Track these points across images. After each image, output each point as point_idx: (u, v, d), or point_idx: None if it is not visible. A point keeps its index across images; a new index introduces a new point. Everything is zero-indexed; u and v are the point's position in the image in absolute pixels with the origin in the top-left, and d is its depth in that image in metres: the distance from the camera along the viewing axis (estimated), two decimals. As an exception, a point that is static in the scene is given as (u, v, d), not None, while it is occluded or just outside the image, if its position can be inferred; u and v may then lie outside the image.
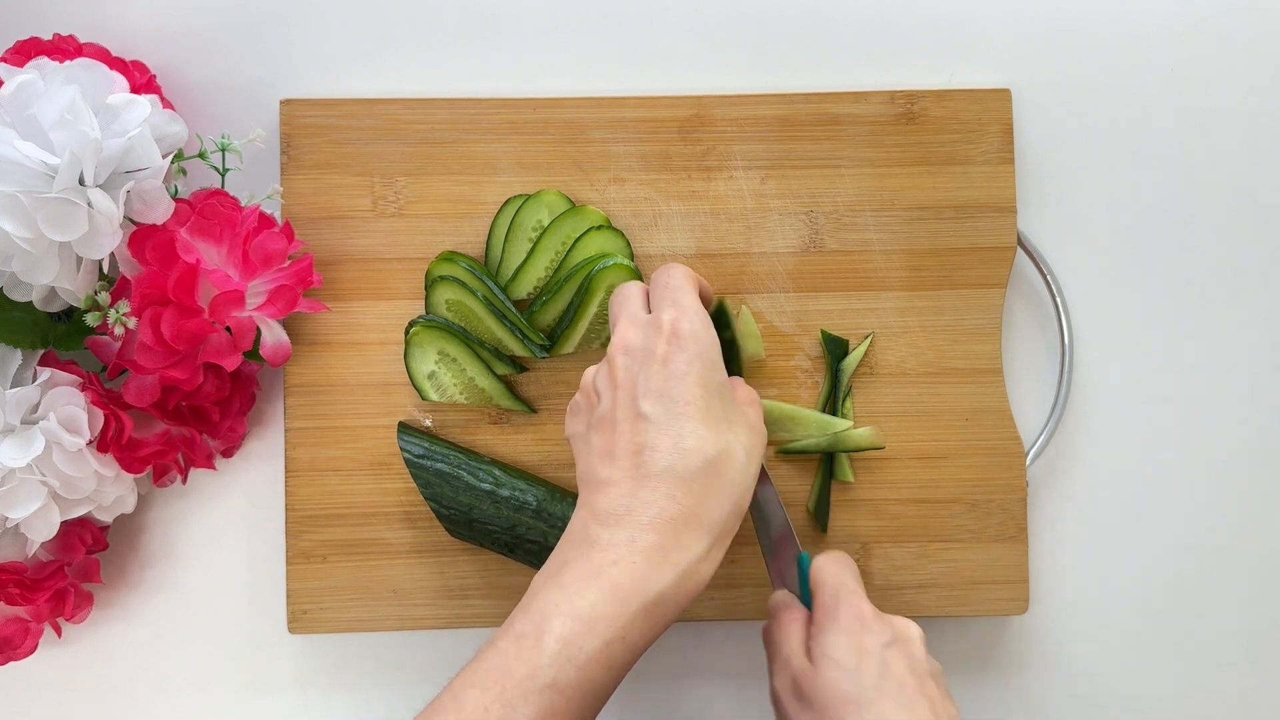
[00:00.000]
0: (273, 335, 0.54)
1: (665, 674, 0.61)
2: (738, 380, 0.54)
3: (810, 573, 0.51)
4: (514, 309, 0.58)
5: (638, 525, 0.46)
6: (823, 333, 0.59)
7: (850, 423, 0.59)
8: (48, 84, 0.49)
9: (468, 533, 0.57)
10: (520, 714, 0.43)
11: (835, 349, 0.59)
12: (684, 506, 0.46)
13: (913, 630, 0.49)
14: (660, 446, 0.47)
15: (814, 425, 0.59)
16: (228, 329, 0.52)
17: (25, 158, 0.47)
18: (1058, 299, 0.61)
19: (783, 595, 0.53)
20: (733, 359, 0.58)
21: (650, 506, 0.46)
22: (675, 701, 0.61)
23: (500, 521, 0.56)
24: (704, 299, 0.53)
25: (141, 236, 0.51)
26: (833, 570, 0.50)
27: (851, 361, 0.59)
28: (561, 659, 0.43)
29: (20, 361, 0.53)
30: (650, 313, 0.51)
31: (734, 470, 0.48)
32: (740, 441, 0.48)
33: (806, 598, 0.51)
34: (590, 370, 0.51)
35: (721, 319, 0.57)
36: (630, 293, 0.52)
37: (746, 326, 0.58)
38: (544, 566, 0.47)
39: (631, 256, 0.58)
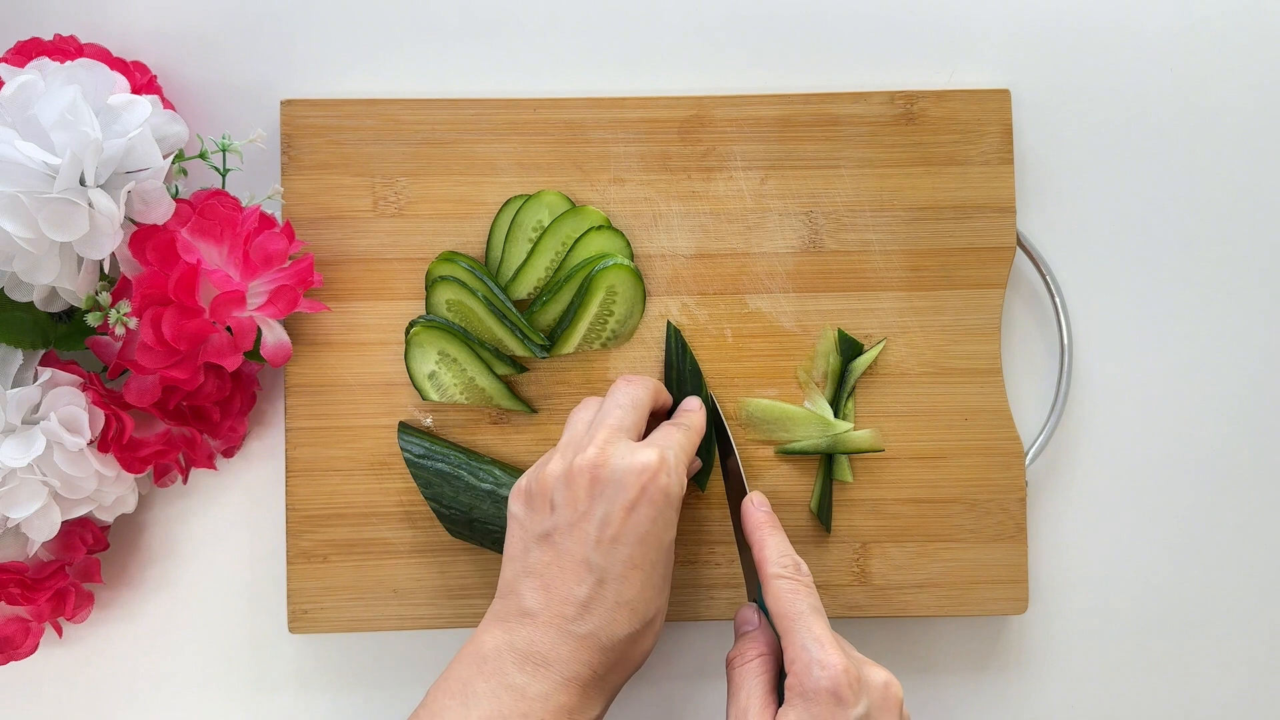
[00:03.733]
0: (273, 335, 0.55)
1: (665, 674, 0.61)
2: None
3: (765, 601, 0.49)
4: (514, 309, 0.58)
5: (554, 682, 0.46)
6: (840, 331, 0.59)
7: (850, 424, 0.59)
8: (48, 84, 0.49)
9: (468, 533, 0.57)
10: None
11: (848, 350, 0.59)
12: (596, 674, 0.47)
13: (891, 691, 0.46)
14: (594, 609, 0.47)
15: (814, 426, 0.59)
16: (228, 329, 0.52)
17: (26, 158, 0.47)
18: (1057, 299, 0.61)
19: (745, 613, 0.52)
20: (699, 390, 0.58)
21: (568, 665, 0.46)
22: (675, 701, 0.61)
23: (501, 521, 0.56)
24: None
25: (142, 237, 0.51)
26: (787, 601, 0.48)
27: (862, 363, 0.59)
28: None
29: (21, 361, 0.53)
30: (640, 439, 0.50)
31: (649, 640, 0.49)
32: (663, 606, 0.49)
33: (759, 591, 0.50)
34: (555, 467, 0.49)
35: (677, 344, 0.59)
36: (636, 397, 0.52)
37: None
38: (445, 679, 0.47)
39: (631, 256, 0.59)
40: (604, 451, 0.49)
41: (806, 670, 0.45)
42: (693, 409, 0.55)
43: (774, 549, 0.50)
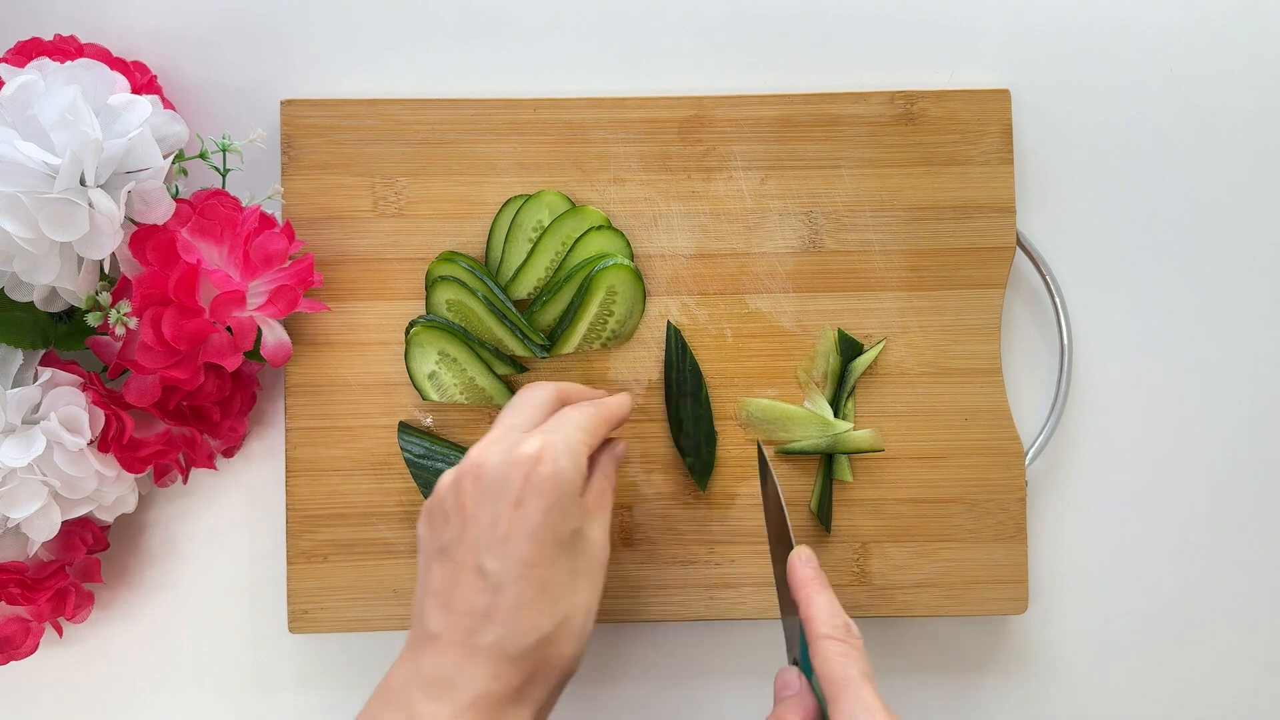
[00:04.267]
0: (273, 335, 0.55)
1: (665, 674, 0.61)
2: (593, 471, 0.49)
3: (813, 664, 0.47)
4: (514, 309, 0.58)
5: (460, 704, 0.43)
6: (840, 331, 0.59)
7: (850, 424, 0.59)
8: (49, 84, 0.49)
9: (468, 532, 0.57)
10: None
11: (848, 349, 0.59)
12: (510, 687, 0.44)
13: None
14: (494, 617, 0.44)
15: (814, 426, 0.59)
16: (228, 329, 0.52)
17: (26, 158, 0.47)
18: (1057, 299, 0.61)
19: (786, 676, 0.49)
20: (699, 390, 0.58)
21: (475, 684, 0.43)
22: (675, 701, 0.61)
23: (500, 521, 0.56)
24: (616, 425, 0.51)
25: (142, 237, 0.51)
26: (838, 665, 0.46)
27: (862, 363, 0.59)
28: None
29: (21, 361, 0.53)
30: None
31: (569, 641, 0.46)
32: (581, 604, 0.46)
33: (805, 652, 0.48)
34: (445, 477, 0.48)
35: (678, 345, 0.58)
36: (531, 399, 0.50)
37: None
38: (359, 717, 0.45)
39: (631, 257, 0.59)
40: (484, 451, 0.47)
41: None
42: (611, 396, 0.53)
43: (823, 608, 0.48)
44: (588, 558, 0.47)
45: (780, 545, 0.52)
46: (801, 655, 0.49)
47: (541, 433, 0.47)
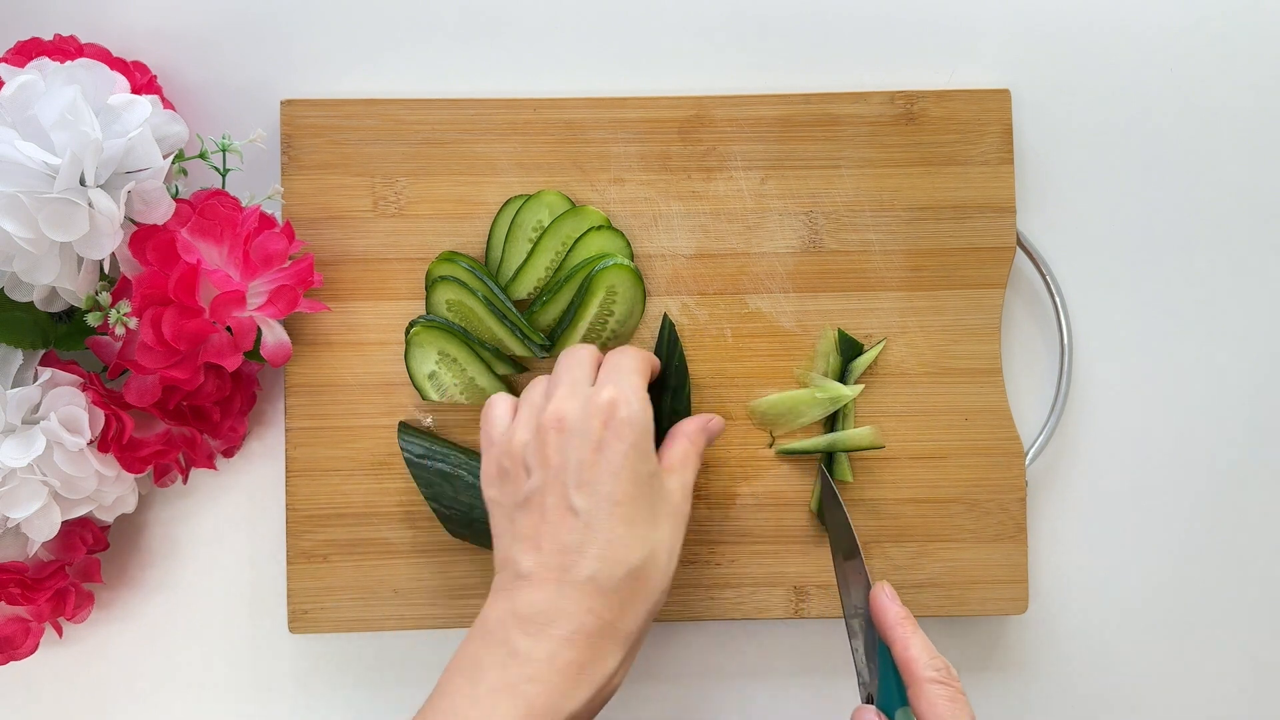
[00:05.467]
0: (273, 335, 0.55)
1: (665, 674, 0.61)
2: (677, 435, 0.53)
3: (916, 707, 0.46)
4: (514, 309, 0.58)
5: (558, 639, 0.45)
6: (840, 331, 0.59)
7: (862, 386, 0.58)
8: (49, 84, 0.49)
9: (468, 532, 0.57)
10: None
11: (848, 350, 0.59)
12: (603, 620, 0.46)
13: None
14: (587, 551, 0.46)
15: (826, 403, 0.58)
16: (228, 329, 0.52)
17: (26, 158, 0.47)
18: (1057, 299, 0.61)
19: (868, 716, 0.48)
20: (682, 386, 0.58)
21: (572, 619, 0.45)
22: (675, 702, 0.61)
23: (500, 521, 0.56)
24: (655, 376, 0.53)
25: (142, 237, 0.51)
26: (947, 712, 0.45)
27: (862, 363, 0.59)
28: None
29: (21, 361, 0.53)
30: (593, 385, 0.50)
31: (656, 575, 0.48)
32: (664, 541, 0.48)
33: (887, 684, 0.48)
34: (520, 435, 0.50)
35: (673, 343, 0.58)
36: (579, 357, 0.52)
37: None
38: (455, 658, 0.47)
39: (631, 256, 0.59)
40: (561, 405, 0.49)
41: None
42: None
43: (922, 649, 0.48)
44: (667, 501, 0.50)
45: (853, 578, 0.52)
46: (883, 693, 0.48)
47: (609, 382, 0.50)
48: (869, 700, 0.49)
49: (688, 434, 0.53)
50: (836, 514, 0.54)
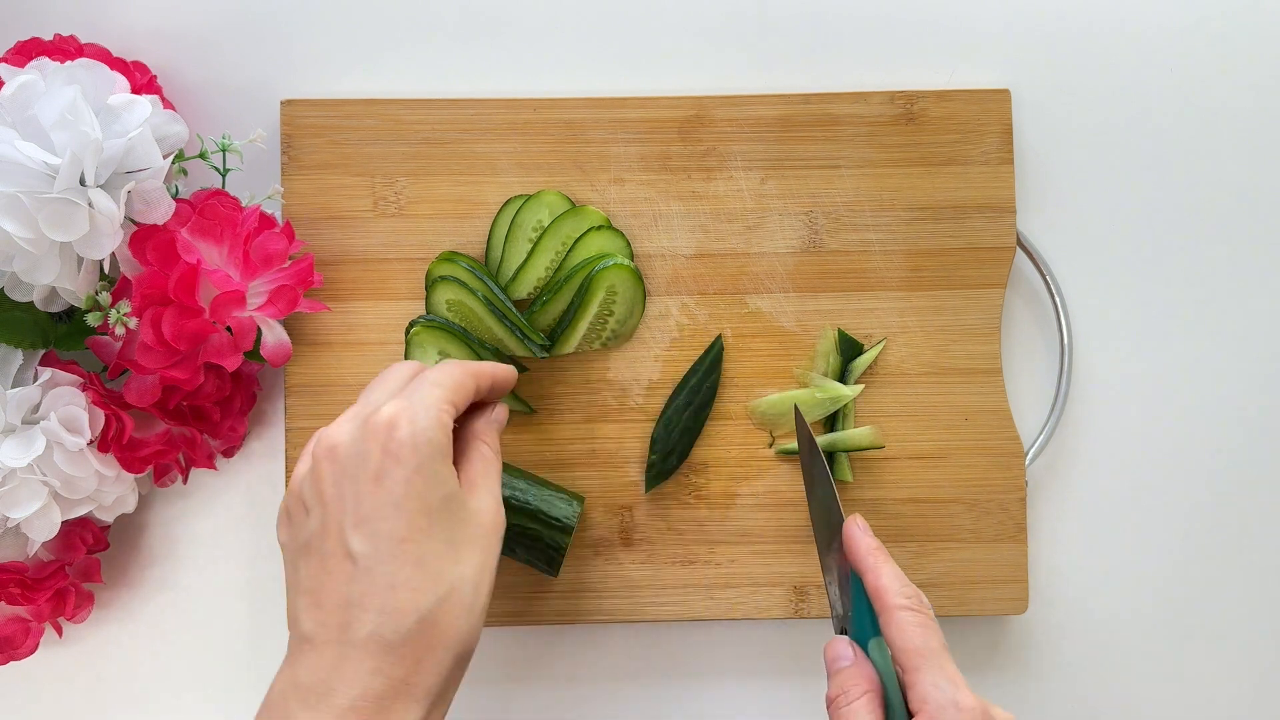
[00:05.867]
0: (273, 335, 0.55)
1: (665, 674, 0.61)
2: (469, 439, 0.47)
3: (887, 634, 0.46)
4: (514, 309, 0.58)
5: (337, 709, 0.40)
6: (840, 331, 0.59)
7: (862, 386, 0.58)
8: (49, 84, 0.49)
9: (468, 532, 0.57)
10: None
11: (848, 350, 0.59)
12: (392, 679, 0.41)
13: None
14: (368, 604, 0.41)
15: (827, 404, 0.59)
16: (228, 329, 0.52)
17: (26, 158, 0.47)
18: (1057, 299, 0.61)
19: (839, 647, 0.47)
20: (706, 406, 0.58)
21: (354, 685, 0.40)
22: (675, 701, 0.61)
23: (500, 521, 0.56)
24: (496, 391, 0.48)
25: (142, 236, 0.51)
26: (917, 636, 0.44)
27: (862, 363, 0.59)
28: None
29: (21, 361, 0.53)
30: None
31: (458, 615, 0.42)
32: (468, 576, 0.43)
33: (860, 617, 0.48)
34: (301, 467, 0.45)
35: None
36: (393, 372, 0.47)
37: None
38: None
39: (631, 256, 0.59)
40: (335, 430, 0.44)
41: (941, 711, 0.42)
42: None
43: (893, 578, 0.46)
44: (470, 525, 0.44)
45: (825, 516, 0.51)
46: (857, 625, 0.48)
47: (394, 399, 0.44)
48: (842, 633, 0.49)
49: (478, 434, 0.47)
50: (809, 447, 0.53)
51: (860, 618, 0.48)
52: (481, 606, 0.43)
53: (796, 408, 0.55)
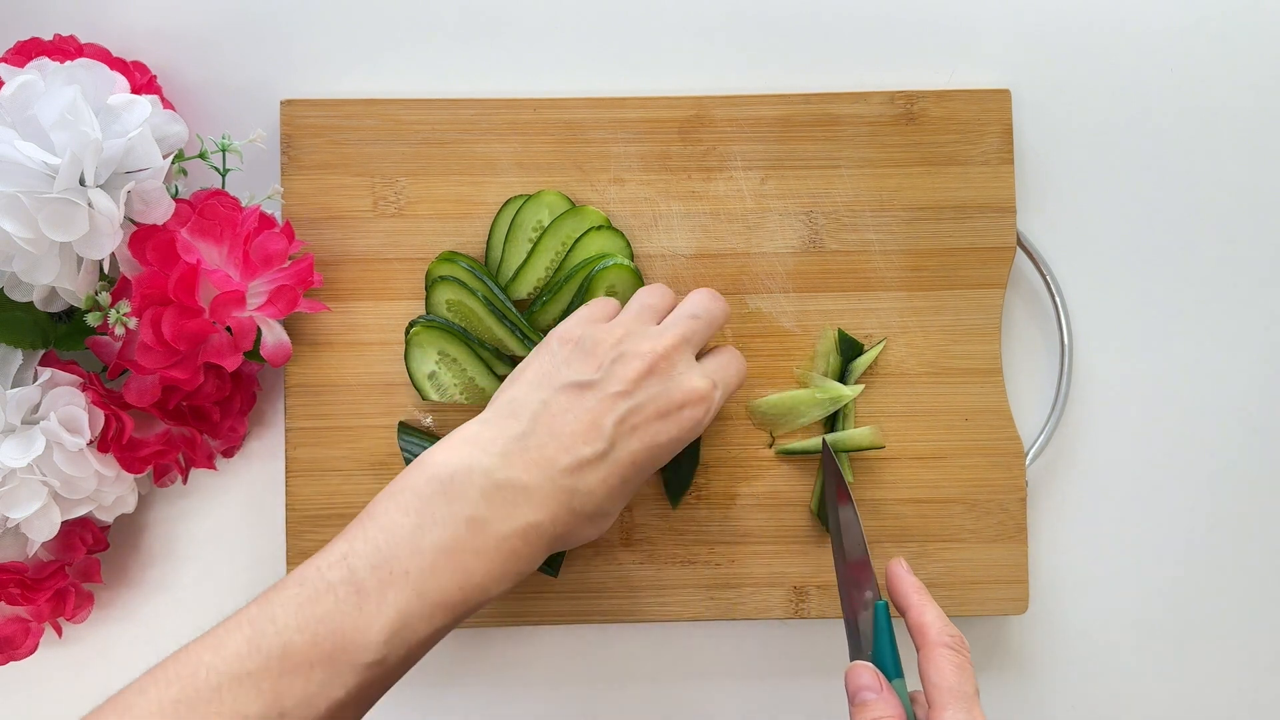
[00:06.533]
0: (273, 335, 0.55)
1: (665, 674, 0.61)
2: (735, 360, 0.54)
3: (924, 670, 0.46)
4: (514, 309, 0.58)
5: (515, 524, 0.45)
6: (840, 331, 0.59)
7: (861, 386, 0.58)
8: (48, 84, 0.49)
9: (468, 532, 0.57)
10: (345, 684, 0.41)
11: (848, 350, 0.59)
12: (553, 531, 0.46)
13: None
14: (588, 473, 0.46)
15: (826, 404, 0.59)
16: (228, 329, 0.52)
17: (26, 158, 0.47)
18: (1057, 299, 0.61)
19: (865, 676, 0.47)
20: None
21: (534, 512, 0.45)
22: (676, 701, 0.61)
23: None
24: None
25: (142, 237, 0.51)
26: (954, 677, 0.45)
27: (862, 363, 0.59)
28: (396, 641, 0.42)
29: (21, 361, 0.53)
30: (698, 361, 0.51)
31: (596, 529, 0.48)
32: (617, 511, 0.49)
33: (882, 653, 0.48)
34: (616, 333, 0.50)
35: None
36: (715, 309, 0.53)
37: None
38: (398, 489, 0.45)
39: (631, 256, 0.59)
40: (671, 355, 0.49)
41: None
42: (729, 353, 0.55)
43: (937, 616, 0.48)
44: (627, 496, 0.49)
45: (852, 549, 0.51)
46: (877, 664, 0.48)
47: (712, 378, 0.50)
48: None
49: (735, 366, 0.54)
50: (837, 483, 0.52)
51: (882, 658, 0.48)
52: (598, 535, 0.49)
53: (825, 443, 0.54)
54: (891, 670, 0.47)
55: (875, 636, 0.48)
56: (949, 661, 0.45)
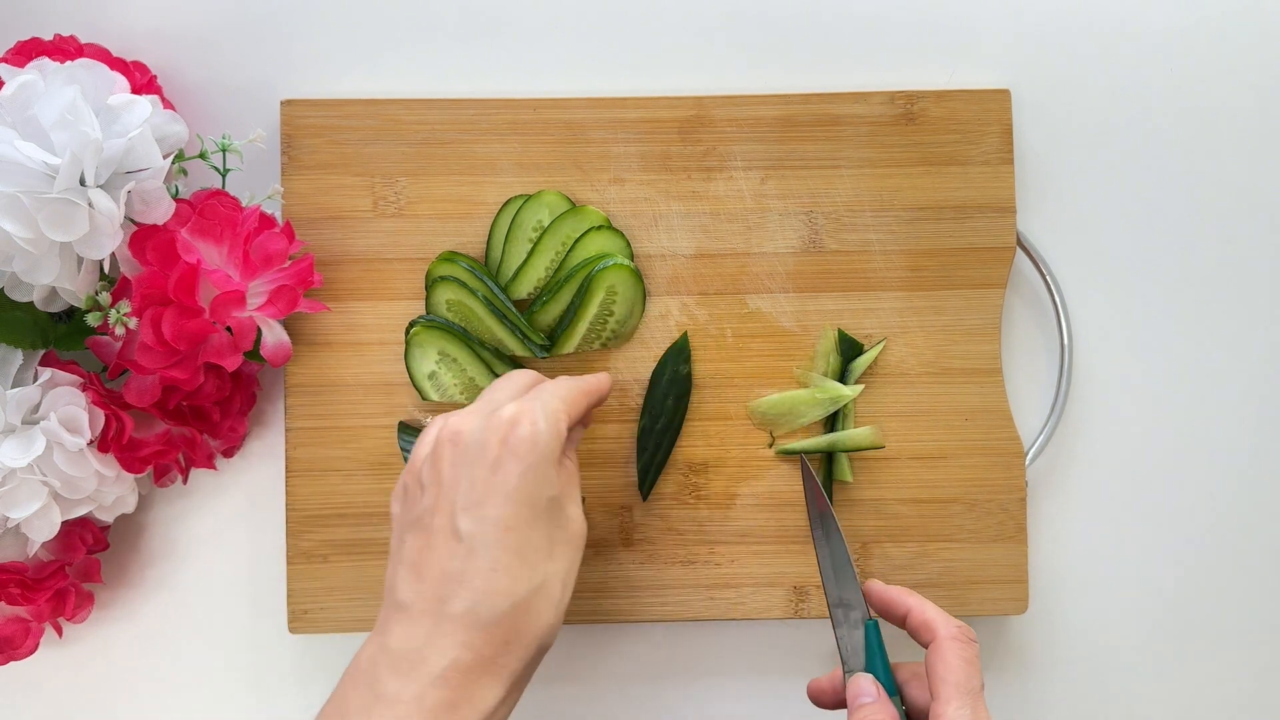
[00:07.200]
0: (273, 335, 0.55)
1: (666, 674, 0.61)
2: (588, 383, 0.51)
3: (931, 662, 0.46)
4: (514, 309, 0.58)
5: (428, 678, 0.42)
6: (840, 331, 0.59)
7: (861, 386, 0.58)
8: (48, 84, 0.49)
9: (468, 532, 0.57)
10: None
11: (848, 350, 0.59)
12: (480, 656, 0.43)
13: None
14: (467, 581, 0.43)
15: (826, 404, 0.59)
16: (228, 329, 0.52)
17: (26, 158, 0.47)
18: (1057, 299, 0.61)
19: (864, 684, 0.47)
20: (684, 396, 0.58)
21: (444, 655, 0.43)
22: (676, 701, 0.61)
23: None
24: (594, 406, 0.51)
25: (142, 237, 0.51)
26: (963, 671, 0.44)
27: (862, 363, 0.59)
28: None
29: (21, 362, 0.53)
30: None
31: (545, 609, 0.45)
32: (559, 573, 0.46)
33: (875, 673, 0.48)
34: (422, 450, 0.48)
35: (683, 352, 0.58)
36: (512, 379, 0.50)
37: None
38: (328, 702, 0.44)
39: (631, 256, 0.59)
40: (461, 420, 0.47)
41: None
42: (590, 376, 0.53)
43: (939, 612, 0.47)
44: (565, 529, 0.47)
45: (836, 561, 0.51)
46: (873, 665, 0.48)
47: (519, 400, 0.47)
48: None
49: (566, 453, 0.49)
50: (817, 498, 0.52)
51: (873, 671, 0.48)
52: (564, 604, 0.46)
53: (804, 459, 0.54)
54: (887, 687, 0.47)
55: (867, 657, 0.48)
56: (958, 655, 0.45)
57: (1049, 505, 0.62)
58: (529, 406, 0.46)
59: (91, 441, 0.52)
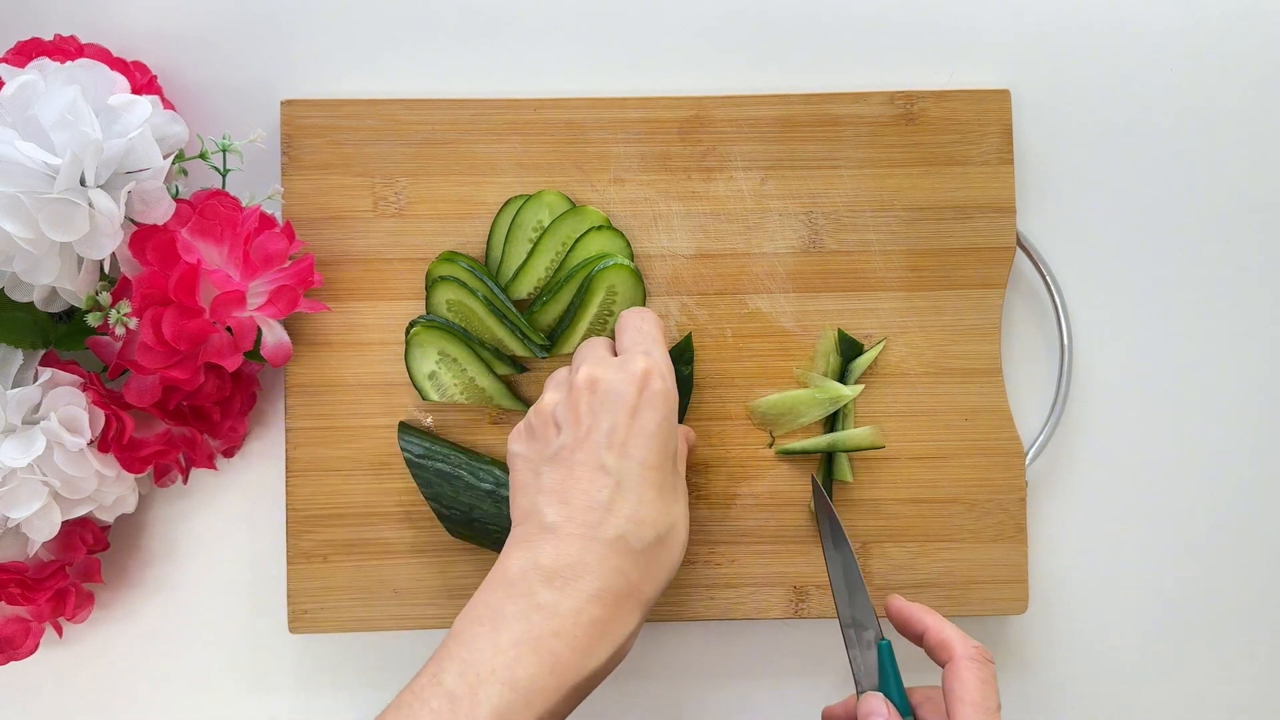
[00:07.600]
0: (273, 335, 0.55)
1: (665, 674, 0.61)
2: (683, 429, 0.55)
3: (949, 683, 0.46)
4: (514, 309, 0.58)
5: (584, 596, 0.45)
6: (840, 331, 0.59)
7: (861, 386, 0.58)
8: (49, 84, 0.49)
9: (468, 532, 0.57)
10: None
11: (848, 350, 0.59)
12: (630, 582, 0.46)
13: None
14: (617, 510, 0.46)
15: (826, 403, 0.59)
16: (228, 329, 0.52)
17: (26, 158, 0.47)
18: (1057, 299, 0.61)
19: (875, 703, 0.48)
20: (684, 397, 0.58)
21: (599, 577, 0.45)
22: (675, 701, 0.61)
23: (501, 521, 0.56)
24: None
25: (142, 237, 0.51)
26: (978, 691, 0.45)
27: (862, 363, 0.59)
28: None
29: (21, 362, 0.53)
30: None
31: (676, 546, 0.48)
32: (683, 514, 0.49)
33: (889, 693, 0.48)
34: (549, 397, 0.50)
35: (686, 354, 0.58)
36: (597, 343, 0.52)
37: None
38: (472, 607, 0.46)
39: (631, 257, 0.59)
40: (596, 370, 0.49)
41: None
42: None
43: (957, 632, 0.48)
44: (680, 480, 0.50)
45: (847, 581, 0.51)
46: (886, 686, 0.48)
47: (640, 353, 0.50)
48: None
49: (684, 434, 0.54)
50: (829, 518, 0.53)
51: (887, 692, 0.48)
52: (685, 545, 0.49)
53: (815, 481, 0.56)
54: (901, 708, 0.47)
55: (881, 678, 0.49)
56: (974, 675, 0.46)
57: (1049, 505, 0.62)
58: (656, 362, 0.49)
59: (92, 441, 0.52)
